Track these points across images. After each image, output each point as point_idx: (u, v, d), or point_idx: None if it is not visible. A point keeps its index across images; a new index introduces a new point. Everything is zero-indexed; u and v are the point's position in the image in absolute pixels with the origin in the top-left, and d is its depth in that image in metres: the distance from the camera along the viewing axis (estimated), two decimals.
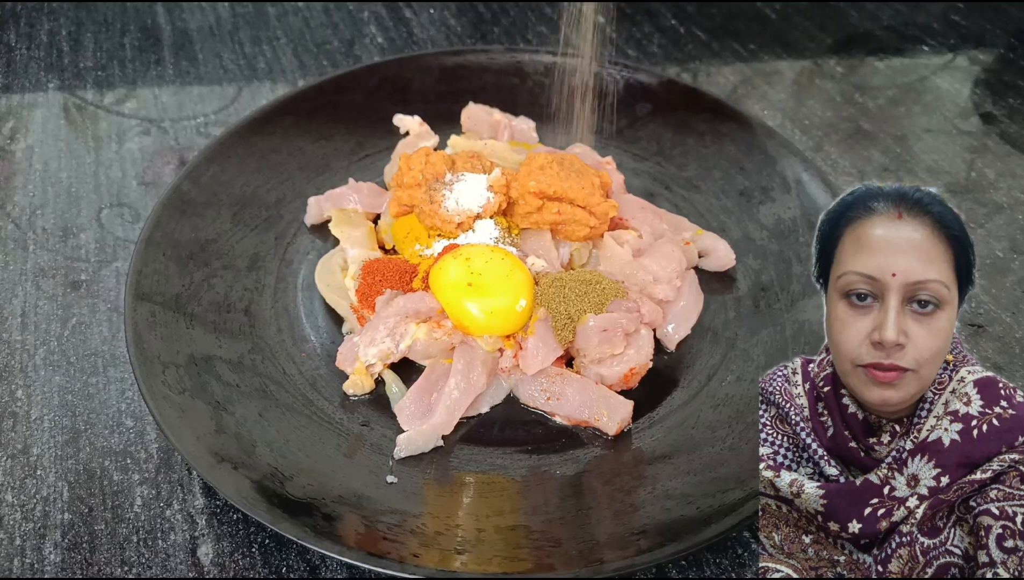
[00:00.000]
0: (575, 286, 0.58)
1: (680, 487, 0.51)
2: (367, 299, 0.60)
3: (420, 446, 0.54)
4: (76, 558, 0.50)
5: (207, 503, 0.52)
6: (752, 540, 0.52)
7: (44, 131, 0.79)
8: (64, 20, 0.94)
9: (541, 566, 0.47)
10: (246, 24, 0.94)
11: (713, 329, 0.62)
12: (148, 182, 0.74)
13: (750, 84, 0.89)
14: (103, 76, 0.86)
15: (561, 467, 0.53)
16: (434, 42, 0.93)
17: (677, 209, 0.70)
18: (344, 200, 0.68)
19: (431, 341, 0.57)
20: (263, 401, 0.55)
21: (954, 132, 0.83)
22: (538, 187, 0.60)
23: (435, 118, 0.74)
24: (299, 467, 0.51)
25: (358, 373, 0.57)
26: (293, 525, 0.47)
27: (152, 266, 0.60)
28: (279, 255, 0.66)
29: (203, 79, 0.87)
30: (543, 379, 0.57)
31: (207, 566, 0.50)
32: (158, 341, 0.56)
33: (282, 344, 0.60)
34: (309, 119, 0.74)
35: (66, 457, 0.54)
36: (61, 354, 0.61)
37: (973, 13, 0.99)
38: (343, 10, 0.97)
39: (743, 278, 0.65)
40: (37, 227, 0.70)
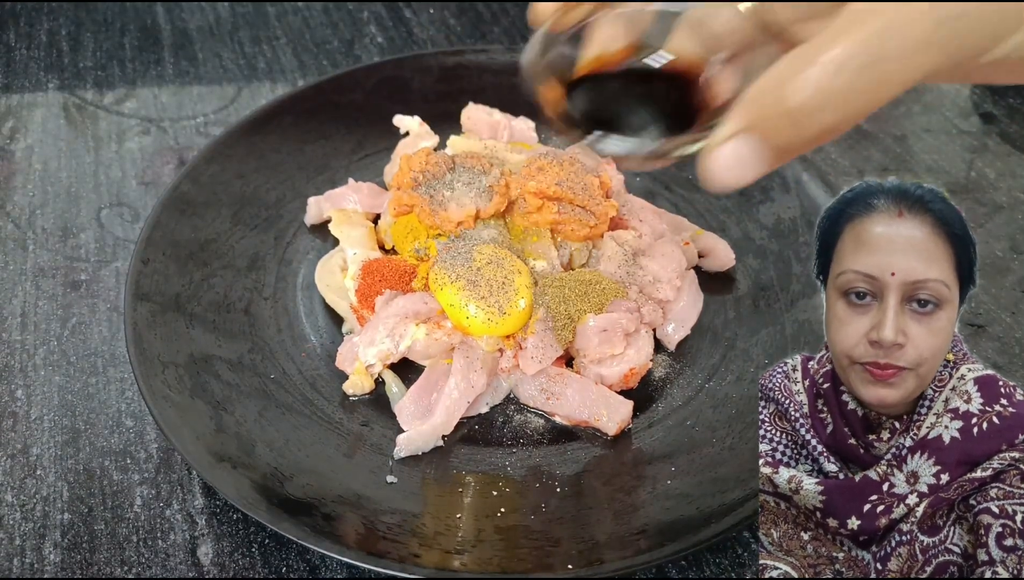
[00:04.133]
0: (575, 286, 0.58)
1: (680, 487, 0.51)
2: (367, 299, 0.60)
3: (420, 446, 0.54)
4: (76, 558, 0.50)
5: (207, 503, 0.52)
6: (752, 540, 0.52)
7: (44, 131, 0.79)
8: (64, 20, 0.94)
9: (541, 566, 0.47)
10: (246, 24, 0.94)
11: (713, 329, 0.62)
12: (148, 182, 0.74)
13: None
14: (103, 76, 0.86)
15: (561, 467, 0.53)
16: (434, 42, 0.93)
17: (677, 209, 0.70)
18: (344, 200, 0.68)
19: (431, 341, 0.57)
20: (263, 401, 0.55)
21: (954, 132, 0.83)
22: (538, 187, 0.60)
23: (435, 118, 0.74)
24: (299, 467, 0.51)
25: (358, 373, 0.57)
26: (293, 525, 0.47)
27: (152, 266, 0.60)
28: (279, 255, 0.66)
29: (203, 79, 0.87)
30: (543, 379, 0.57)
31: (207, 566, 0.50)
32: (158, 341, 0.56)
33: (282, 344, 0.60)
34: (309, 119, 0.74)
35: (66, 457, 0.54)
36: (61, 354, 0.60)
37: None
38: (343, 10, 0.97)
39: (743, 278, 0.65)
40: (37, 227, 0.70)
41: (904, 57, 0.31)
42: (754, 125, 0.33)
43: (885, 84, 0.31)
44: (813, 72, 0.31)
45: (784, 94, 0.32)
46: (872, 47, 0.31)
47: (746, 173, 0.34)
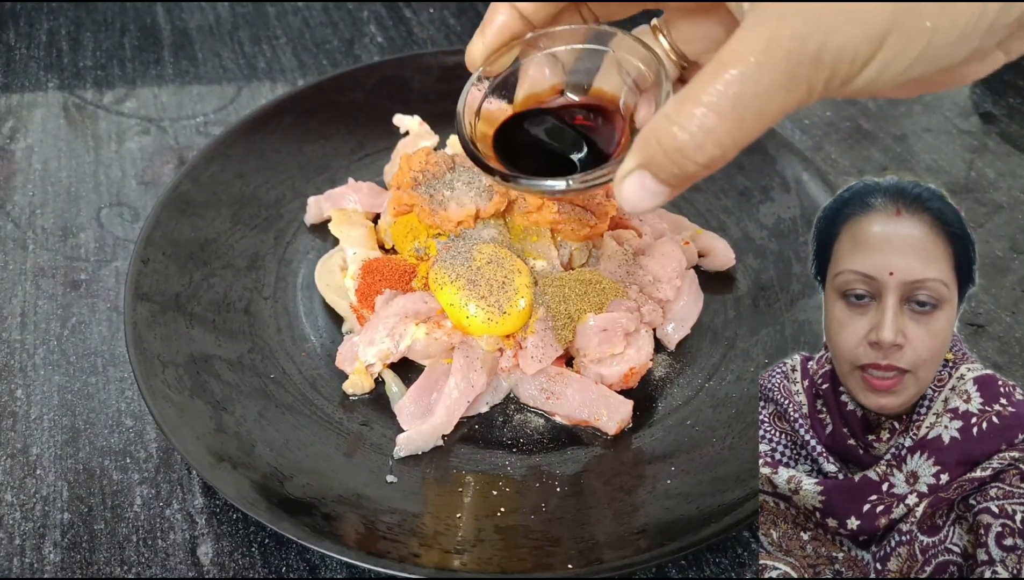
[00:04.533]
0: (575, 286, 0.58)
1: (680, 487, 0.51)
2: (367, 299, 0.60)
3: (420, 446, 0.54)
4: (76, 558, 0.50)
5: (207, 503, 0.52)
6: (752, 540, 0.52)
7: (44, 131, 0.80)
8: (64, 20, 0.94)
9: (541, 566, 0.47)
10: (246, 24, 0.94)
11: (713, 329, 0.62)
12: (148, 181, 0.74)
13: None
14: (103, 75, 0.86)
15: (561, 467, 0.53)
16: (434, 42, 0.93)
17: (677, 209, 0.70)
18: (344, 200, 0.68)
19: (431, 341, 0.57)
20: (263, 401, 0.55)
21: (954, 131, 0.83)
22: None
23: (435, 118, 0.74)
24: (299, 467, 0.51)
25: (358, 373, 0.57)
26: (293, 525, 0.47)
27: (152, 266, 0.60)
28: (279, 255, 0.66)
29: (203, 78, 0.87)
30: (543, 379, 0.57)
31: (207, 566, 0.50)
32: (158, 341, 0.56)
33: (282, 344, 0.60)
34: (309, 119, 0.74)
35: (66, 456, 0.54)
36: (61, 354, 0.61)
37: None
38: (343, 10, 0.97)
39: (743, 278, 0.65)
40: (37, 227, 0.70)
41: (772, 92, 0.34)
42: (646, 163, 0.37)
43: (758, 118, 0.35)
44: (692, 113, 0.35)
45: (669, 134, 0.36)
46: (745, 85, 0.34)
47: (648, 202, 0.38)
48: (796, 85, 0.34)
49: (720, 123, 0.35)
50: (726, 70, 0.34)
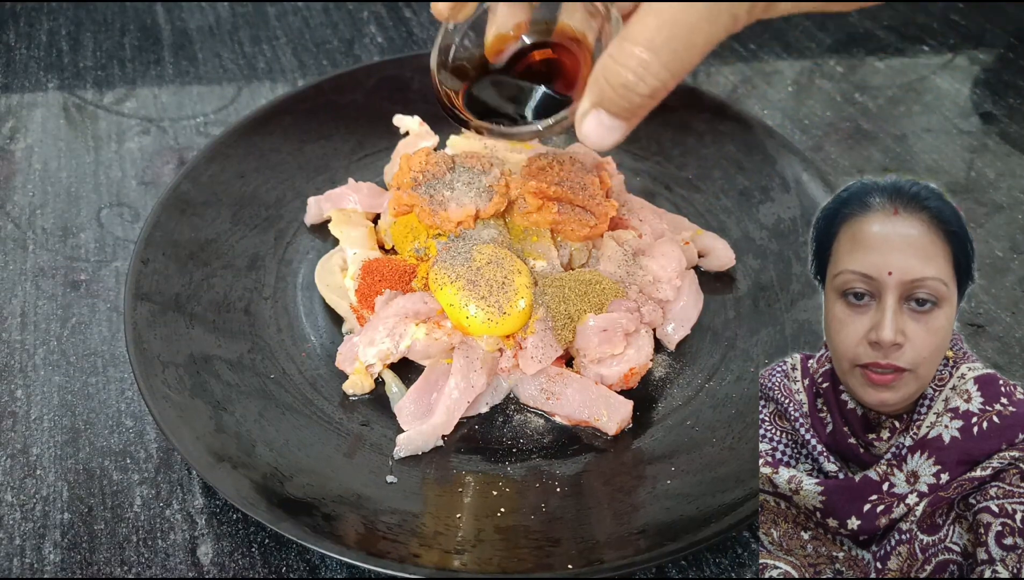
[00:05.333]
0: (575, 286, 0.58)
1: (680, 487, 0.51)
2: (367, 299, 0.60)
3: (420, 446, 0.54)
4: (76, 558, 0.50)
5: (207, 503, 0.52)
6: (752, 540, 0.52)
7: (44, 131, 0.80)
8: (64, 20, 0.94)
9: (541, 566, 0.47)
10: (246, 24, 0.95)
11: (713, 329, 0.62)
12: (148, 182, 0.74)
13: (750, 84, 0.89)
14: (103, 76, 0.86)
15: (561, 467, 0.53)
16: (434, 42, 0.92)
17: (677, 209, 0.70)
18: (344, 200, 0.68)
19: (431, 341, 0.57)
20: (263, 401, 0.55)
21: (954, 132, 0.83)
22: (538, 187, 0.60)
23: (435, 118, 0.74)
24: (299, 467, 0.51)
25: (358, 373, 0.57)
26: (293, 525, 0.47)
27: (152, 266, 0.60)
28: (279, 255, 0.66)
29: (203, 79, 0.87)
30: (543, 379, 0.57)
31: (207, 566, 0.50)
32: (158, 341, 0.56)
33: (282, 344, 0.60)
34: (309, 119, 0.74)
35: (66, 457, 0.54)
36: (61, 354, 0.61)
37: (973, 13, 0.99)
38: (343, 10, 0.97)
39: (743, 278, 0.65)
40: (37, 227, 0.70)
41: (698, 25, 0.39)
42: (599, 101, 0.42)
43: (688, 50, 0.40)
44: (632, 52, 0.40)
45: (614, 72, 0.41)
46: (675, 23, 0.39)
47: (608, 137, 0.44)
48: (719, 17, 0.39)
49: (655, 58, 0.39)
50: (655, 10, 0.39)
